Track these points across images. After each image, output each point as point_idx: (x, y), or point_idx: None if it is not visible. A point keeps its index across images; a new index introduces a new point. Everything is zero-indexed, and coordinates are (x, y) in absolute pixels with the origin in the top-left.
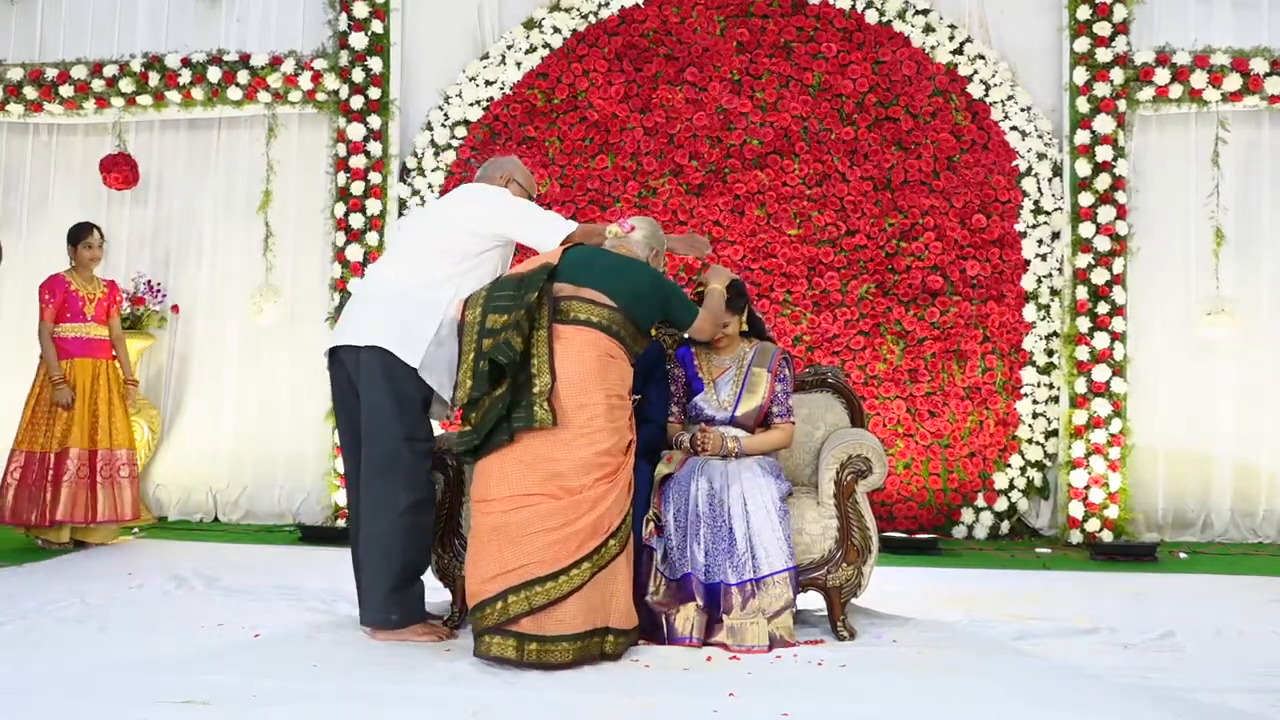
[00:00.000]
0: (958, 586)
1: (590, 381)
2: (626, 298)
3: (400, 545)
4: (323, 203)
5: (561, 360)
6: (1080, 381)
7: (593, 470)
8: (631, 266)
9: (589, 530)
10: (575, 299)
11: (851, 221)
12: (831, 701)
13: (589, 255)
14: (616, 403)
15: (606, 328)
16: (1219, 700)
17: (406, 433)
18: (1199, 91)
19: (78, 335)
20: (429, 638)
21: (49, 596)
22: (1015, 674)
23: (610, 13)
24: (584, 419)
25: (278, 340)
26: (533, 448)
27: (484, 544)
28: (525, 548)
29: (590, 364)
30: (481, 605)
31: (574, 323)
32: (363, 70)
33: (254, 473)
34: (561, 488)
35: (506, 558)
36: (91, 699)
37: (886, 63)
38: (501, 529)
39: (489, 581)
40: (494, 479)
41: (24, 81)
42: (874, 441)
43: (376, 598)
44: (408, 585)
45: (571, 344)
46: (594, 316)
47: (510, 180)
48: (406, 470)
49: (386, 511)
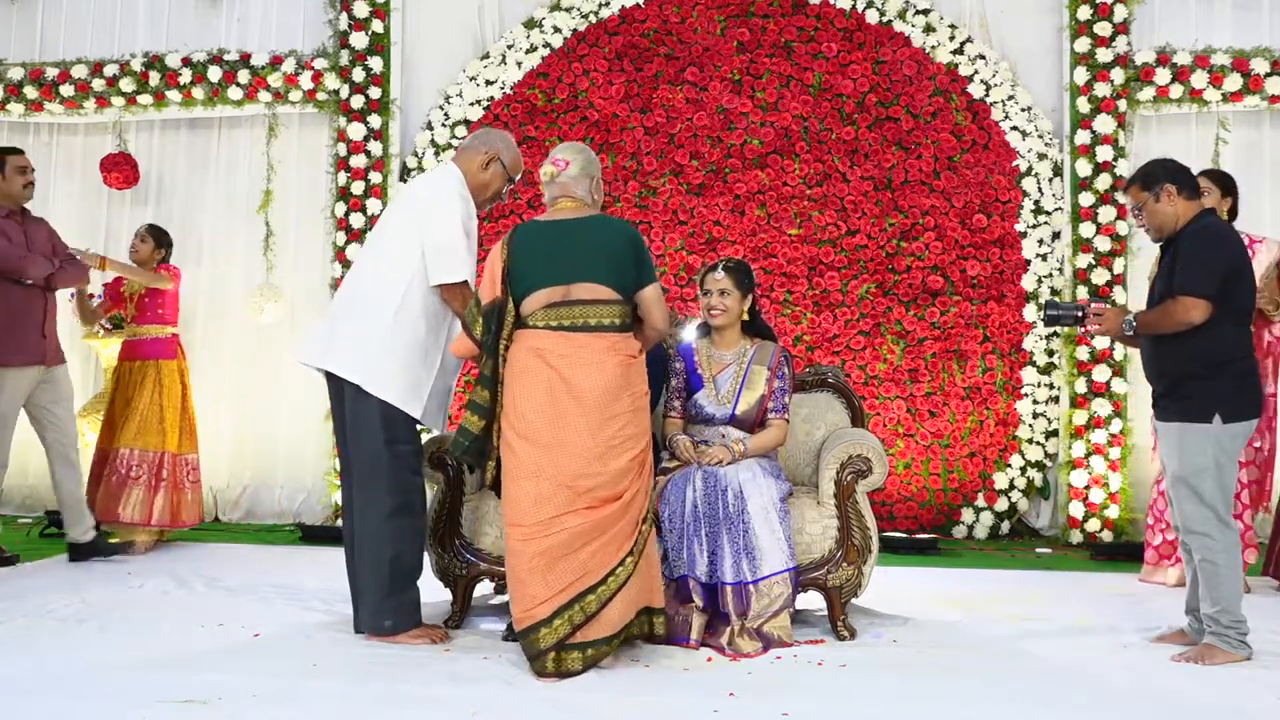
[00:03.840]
0: (958, 586)
1: (618, 390)
2: (619, 279)
3: (389, 550)
4: (323, 202)
5: (580, 371)
6: (1080, 381)
7: (626, 474)
8: (605, 237)
9: (628, 528)
10: (576, 303)
11: (852, 221)
12: (831, 701)
13: (550, 242)
14: (641, 404)
15: (620, 326)
16: (1219, 700)
17: (387, 436)
18: (1199, 92)
19: (156, 336)
20: (424, 641)
21: (49, 596)
22: (1015, 674)
23: (611, 12)
24: (613, 430)
25: (278, 340)
26: (566, 467)
27: (529, 569)
28: (572, 564)
29: (614, 371)
30: (535, 627)
31: (584, 329)
32: (363, 70)
33: (254, 473)
34: (598, 499)
35: (554, 579)
36: (91, 699)
37: (887, 63)
38: (545, 553)
39: (540, 605)
40: (529, 502)
41: (24, 81)
42: (874, 441)
43: (370, 603)
44: (401, 590)
45: (589, 352)
46: (604, 319)
47: (495, 159)
48: (388, 475)
49: (373, 516)
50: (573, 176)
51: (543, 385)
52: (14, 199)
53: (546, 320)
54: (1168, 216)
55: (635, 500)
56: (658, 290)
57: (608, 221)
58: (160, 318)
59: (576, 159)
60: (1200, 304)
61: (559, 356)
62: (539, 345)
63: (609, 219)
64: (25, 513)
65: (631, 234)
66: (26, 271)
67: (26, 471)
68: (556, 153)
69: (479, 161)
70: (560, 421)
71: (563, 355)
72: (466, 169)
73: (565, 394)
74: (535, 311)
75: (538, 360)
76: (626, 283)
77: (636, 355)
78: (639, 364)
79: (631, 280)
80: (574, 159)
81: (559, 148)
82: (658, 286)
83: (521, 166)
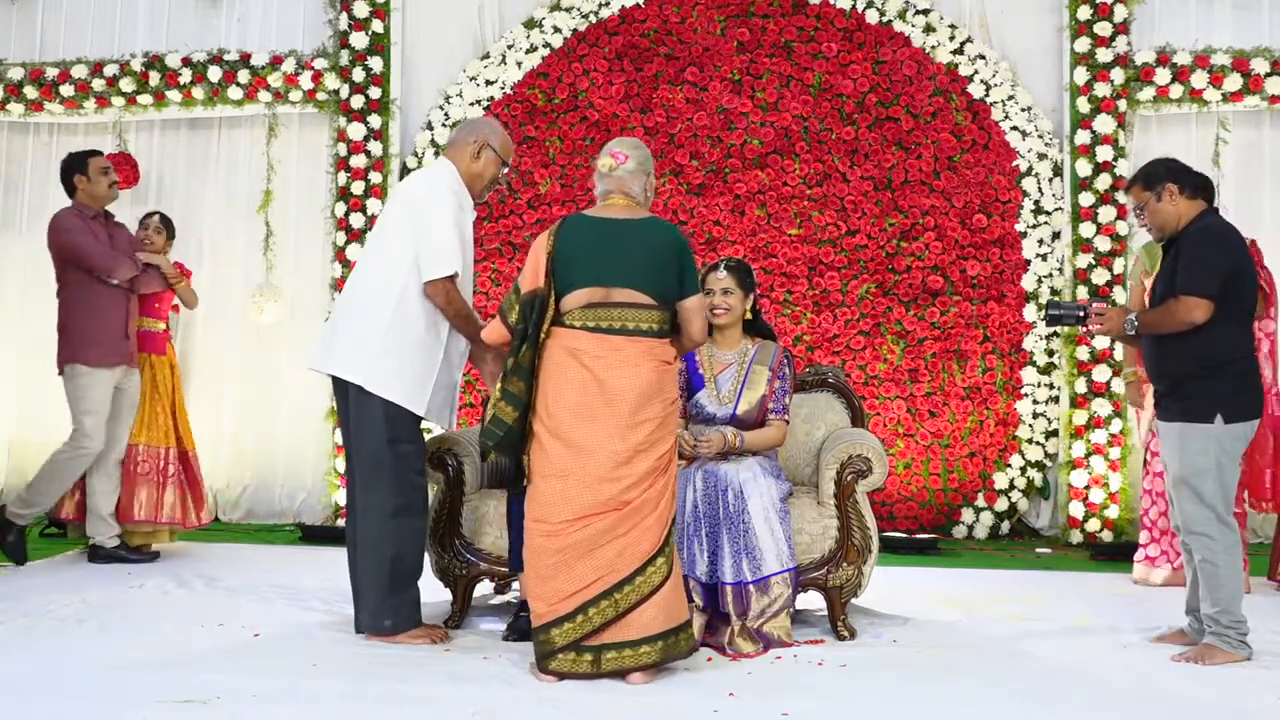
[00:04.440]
0: (958, 586)
1: (650, 395)
2: (661, 287)
3: (390, 550)
4: (323, 202)
5: (615, 374)
6: (1080, 381)
7: (653, 473)
8: (652, 244)
9: (656, 527)
10: (615, 306)
11: (852, 221)
12: (831, 701)
13: (597, 241)
14: (671, 411)
15: (658, 331)
16: (1219, 700)
17: (390, 436)
18: (1199, 92)
19: (149, 330)
20: (424, 641)
21: (49, 596)
22: (1015, 674)
23: (611, 12)
24: (642, 436)
25: (278, 340)
26: (594, 470)
27: (552, 565)
28: (599, 559)
29: (649, 376)
30: (555, 623)
31: (622, 333)
32: (363, 70)
33: (254, 473)
34: (625, 501)
35: (580, 574)
36: (91, 699)
37: (887, 63)
38: (569, 548)
39: (563, 601)
40: (556, 501)
41: (24, 81)
42: (874, 441)
43: (370, 603)
44: (401, 590)
45: (625, 355)
46: (642, 323)
47: (484, 145)
48: (390, 474)
49: (374, 516)
50: (630, 171)
51: (576, 386)
52: (99, 200)
53: (584, 321)
54: (1169, 216)
55: (664, 498)
56: (699, 301)
57: (658, 227)
58: (157, 311)
59: (634, 154)
60: (1202, 304)
61: (594, 358)
62: (575, 346)
63: (660, 224)
64: None
65: (679, 243)
66: (115, 272)
67: (26, 471)
68: (615, 146)
69: (469, 152)
70: (591, 424)
71: (598, 357)
72: (458, 162)
73: (598, 395)
74: (573, 310)
75: (573, 360)
76: (668, 292)
77: (671, 362)
78: (672, 371)
79: (674, 289)
80: (632, 154)
81: (616, 141)
82: (701, 297)
83: (512, 149)
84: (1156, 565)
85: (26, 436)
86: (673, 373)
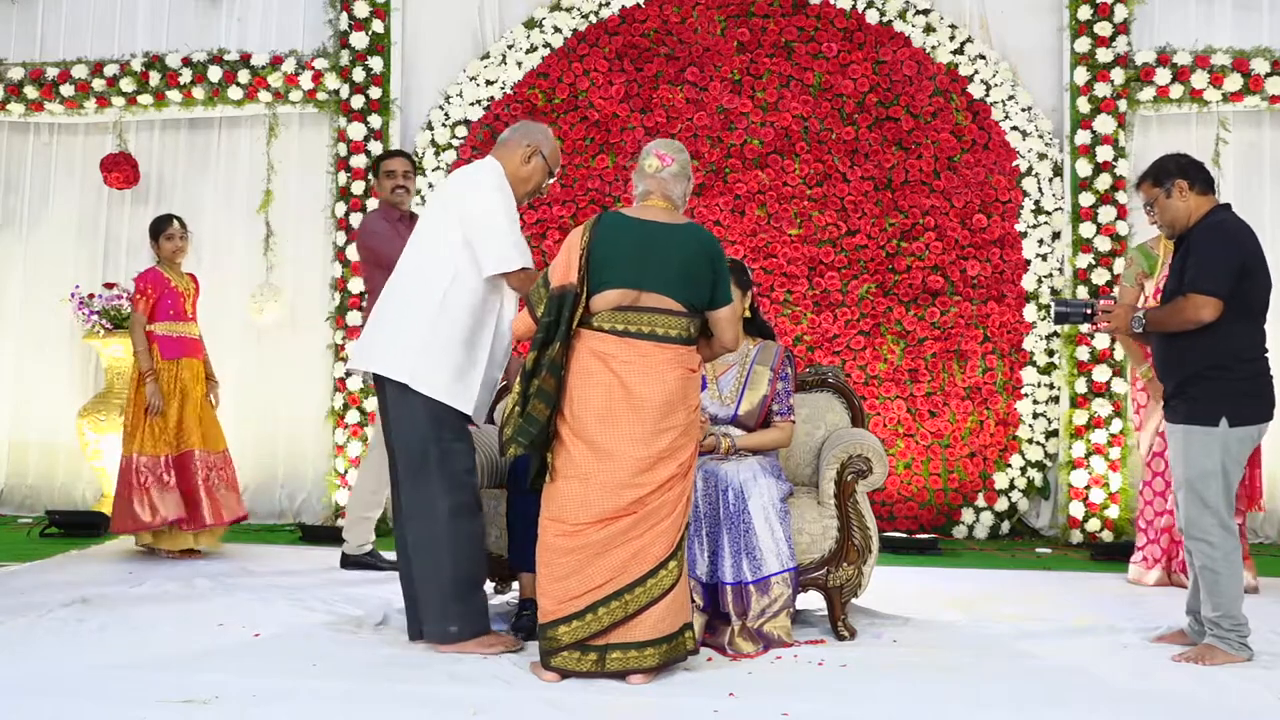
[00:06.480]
0: (958, 586)
1: (675, 403)
2: (692, 296)
3: (449, 555)
4: (323, 202)
5: (641, 379)
6: (1080, 381)
7: (672, 479)
8: (688, 251)
9: (672, 529)
10: (645, 310)
11: (852, 221)
12: (831, 702)
13: (633, 242)
14: (694, 419)
15: (686, 339)
16: (1219, 700)
17: (436, 434)
18: (1200, 92)
19: (182, 334)
20: (498, 649)
21: (49, 596)
22: (1015, 674)
23: (611, 12)
24: (665, 443)
25: (278, 340)
26: (615, 475)
27: (564, 564)
28: (612, 561)
29: (674, 384)
30: (563, 620)
31: (650, 338)
32: (363, 70)
33: (254, 473)
34: (643, 504)
35: (592, 574)
36: (91, 699)
37: (887, 63)
38: (584, 549)
39: (573, 599)
40: (575, 503)
41: (24, 81)
42: (874, 441)
43: (432, 610)
44: (466, 596)
45: (652, 361)
46: (671, 330)
47: (536, 152)
48: (438, 470)
49: (426, 517)
50: (674, 174)
51: (602, 389)
52: (390, 203)
53: (613, 323)
54: (1180, 212)
55: (680, 502)
56: (732, 311)
57: (695, 234)
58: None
59: (679, 158)
60: (1211, 302)
61: (621, 362)
62: (603, 349)
63: (697, 231)
64: (25, 513)
65: (714, 252)
66: None
67: (26, 471)
68: (660, 148)
69: (520, 155)
70: (615, 429)
71: (625, 361)
72: (506, 162)
73: (623, 400)
74: (602, 312)
75: (599, 364)
76: (700, 300)
77: (696, 369)
78: (696, 378)
79: (705, 299)
80: (677, 157)
81: (660, 143)
82: (733, 307)
83: (560, 159)
84: (1150, 567)
85: (26, 437)
86: (696, 380)
